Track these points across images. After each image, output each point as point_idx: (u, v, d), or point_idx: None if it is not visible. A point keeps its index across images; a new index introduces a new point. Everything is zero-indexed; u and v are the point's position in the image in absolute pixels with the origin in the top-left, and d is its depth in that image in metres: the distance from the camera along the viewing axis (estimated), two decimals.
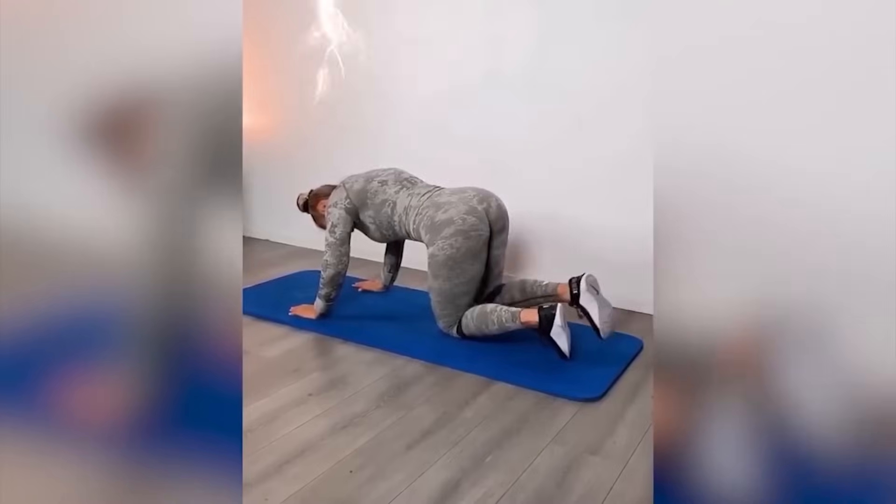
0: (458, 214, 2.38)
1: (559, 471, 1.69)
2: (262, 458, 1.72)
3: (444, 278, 2.40)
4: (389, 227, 2.59)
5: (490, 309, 2.39)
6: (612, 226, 2.92)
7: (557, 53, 2.91)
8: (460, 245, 2.36)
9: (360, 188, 2.61)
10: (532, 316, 2.30)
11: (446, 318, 2.47)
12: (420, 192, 2.55)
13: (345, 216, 2.59)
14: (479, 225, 2.39)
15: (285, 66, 3.77)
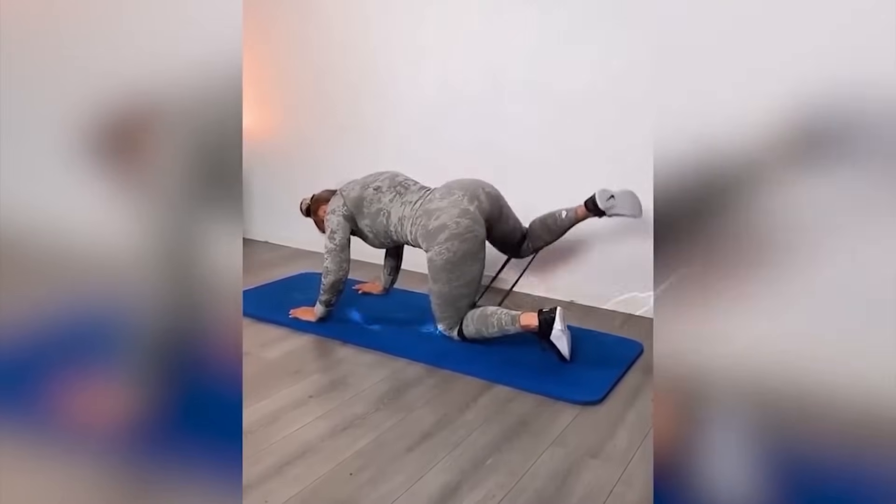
0: (450, 219, 2.38)
1: (559, 474, 1.69)
2: (263, 459, 1.72)
3: (443, 281, 2.40)
4: (386, 235, 2.60)
5: (490, 311, 2.39)
6: (612, 227, 2.92)
7: (558, 54, 2.91)
8: (456, 249, 2.36)
9: (356, 196, 2.60)
10: (532, 320, 2.30)
11: (447, 320, 2.47)
12: (412, 201, 2.53)
13: (343, 223, 2.60)
14: (472, 226, 2.39)
15: (285, 67, 3.77)
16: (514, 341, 2.47)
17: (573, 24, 2.85)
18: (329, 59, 3.59)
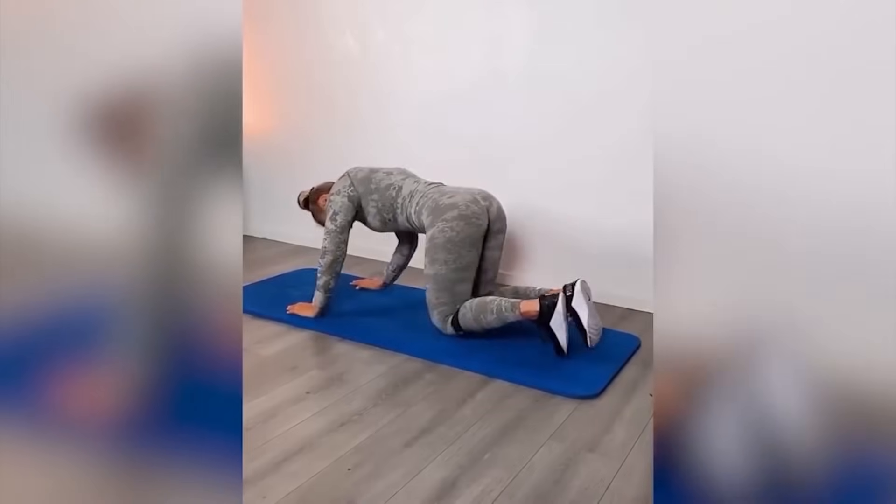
0: (462, 201, 2.45)
1: (557, 468, 1.70)
2: (260, 455, 1.72)
3: (441, 262, 2.40)
4: (391, 209, 2.61)
5: (489, 300, 2.40)
6: (610, 224, 2.92)
7: (555, 52, 2.91)
8: (461, 229, 2.39)
9: (364, 176, 2.66)
10: (532, 306, 2.30)
11: (442, 307, 2.45)
12: (426, 182, 2.64)
13: (347, 204, 2.62)
14: (480, 214, 2.45)
15: (284, 64, 3.76)
16: (511, 336, 2.47)
17: (571, 23, 2.85)
18: (327, 56, 3.58)
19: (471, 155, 3.20)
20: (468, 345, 2.42)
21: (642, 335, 2.58)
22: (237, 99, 1.05)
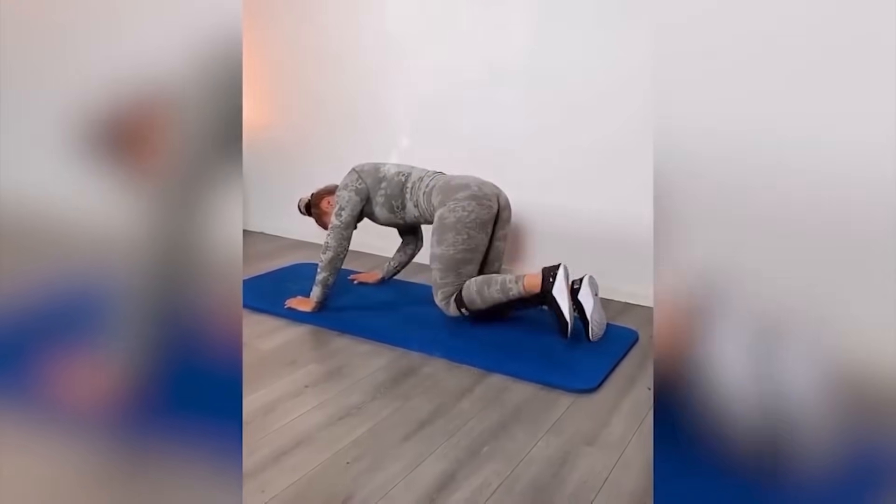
0: (474, 182, 2.49)
1: (555, 461, 1.70)
2: (259, 449, 1.72)
3: (448, 243, 2.41)
4: (400, 196, 2.61)
5: (494, 274, 2.44)
6: (608, 219, 2.92)
7: (555, 45, 2.90)
8: (472, 209, 2.40)
9: (371, 168, 2.68)
10: (536, 279, 2.33)
11: (446, 287, 2.46)
12: (433, 171, 2.67)
13: (354, 198, 2.61)
14: (491, 198, 2.48)
15: (282, 59, 3.75)
16: (510, 328, 2.47)
17: (571, 16, 2.84)
18: (325, 52, 3.57)
19: (472, 151, 3.20)
20: (467, 338, 2.42)
21: (641, 329, 2.59)
22: (238, 96, 1.05)
